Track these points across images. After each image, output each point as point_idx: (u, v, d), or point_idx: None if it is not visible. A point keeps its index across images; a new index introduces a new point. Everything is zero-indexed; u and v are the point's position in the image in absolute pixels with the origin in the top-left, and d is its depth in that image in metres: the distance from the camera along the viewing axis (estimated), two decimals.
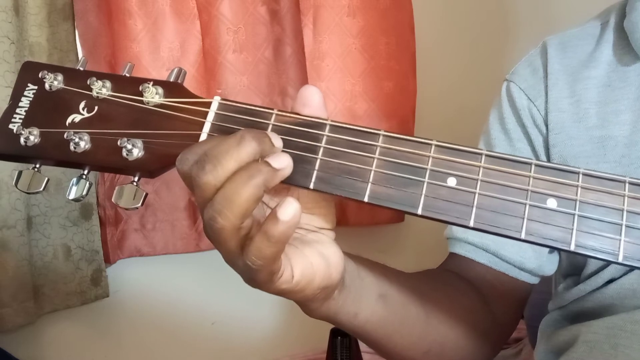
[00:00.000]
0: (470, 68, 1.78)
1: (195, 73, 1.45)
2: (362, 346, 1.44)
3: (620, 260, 0.39)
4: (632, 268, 0.40)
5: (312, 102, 0.46)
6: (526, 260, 0.69)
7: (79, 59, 0.50)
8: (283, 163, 0.42)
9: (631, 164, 0.63)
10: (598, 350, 0.62)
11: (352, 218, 1.59)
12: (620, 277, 0.63)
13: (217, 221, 0.40)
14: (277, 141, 0.43)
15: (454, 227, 0.72)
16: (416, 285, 0.60)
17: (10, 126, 0.48)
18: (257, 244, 0.40)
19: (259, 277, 0.42)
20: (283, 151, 0.43)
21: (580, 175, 0.41)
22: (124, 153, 0.46)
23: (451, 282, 0.69)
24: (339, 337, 1.43)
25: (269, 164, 0.41)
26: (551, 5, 1.81)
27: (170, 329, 1.55)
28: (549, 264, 0.71)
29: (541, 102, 0.70)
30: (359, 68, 1.59)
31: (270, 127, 0.45)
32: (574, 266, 0.71)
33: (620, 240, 0.40)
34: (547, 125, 0.70)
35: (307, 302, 0.48)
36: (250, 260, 0.40)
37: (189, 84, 1.50)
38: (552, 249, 0.41)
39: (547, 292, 0.76)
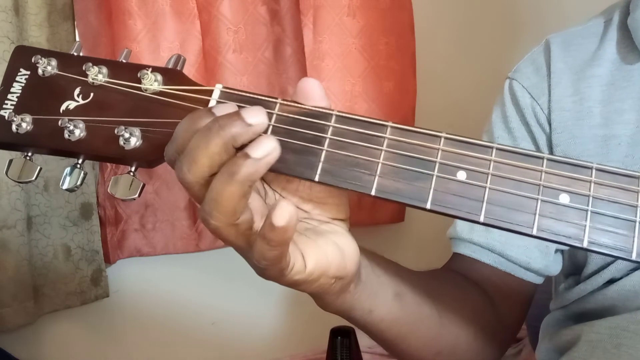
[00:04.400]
0: (470, 68, 1.77)
1: (195, 73, 1.45)
2: (362, 346, 1.43)
3: (634, 257, 0.39)
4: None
5: (313, 94, 0.44)
6: (532, 261, 0.68)
7: (75, 45, 0.48)
8: (264, 150, 0.37)
9: (635, 164, 0.62)
10: (601, 350, 0.62)
11: (352, 218, 1.55)
12: (621, 278, 0.63)
13: (210, 222, 0.39)
14: (253, 118, 0.39)
15: (458, 228, 0.71)
16: (427, 285, 0.59)
17: (2, 112, 0.46)
18: (258, 248, 0.39)
19: (268, 273, 0.41)
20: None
21: (594, 171, 0.40)
22: (121, 142, 0.44)
23: (458, 283, 0.68)
24: (339, 337, 1.42)
25: (248, 156, 0.37)
26: (551, 5, 1.81)
27: (170, 328, 1.54)
28: (554, 264, 0.70)
29: (544, 100, 0.70)
30: (359, 68, 1.59)
31: (274, 116, 0.43)
32: (575, 265, 0.70)
33: (634, 237, 0.39)
34: (550, 124, 0.69)
35: (322, 295, 0.46)
36: (256, 260, 0.40)
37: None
38: (565, 245, 0.40)
39: (547, 291, 0.76)
